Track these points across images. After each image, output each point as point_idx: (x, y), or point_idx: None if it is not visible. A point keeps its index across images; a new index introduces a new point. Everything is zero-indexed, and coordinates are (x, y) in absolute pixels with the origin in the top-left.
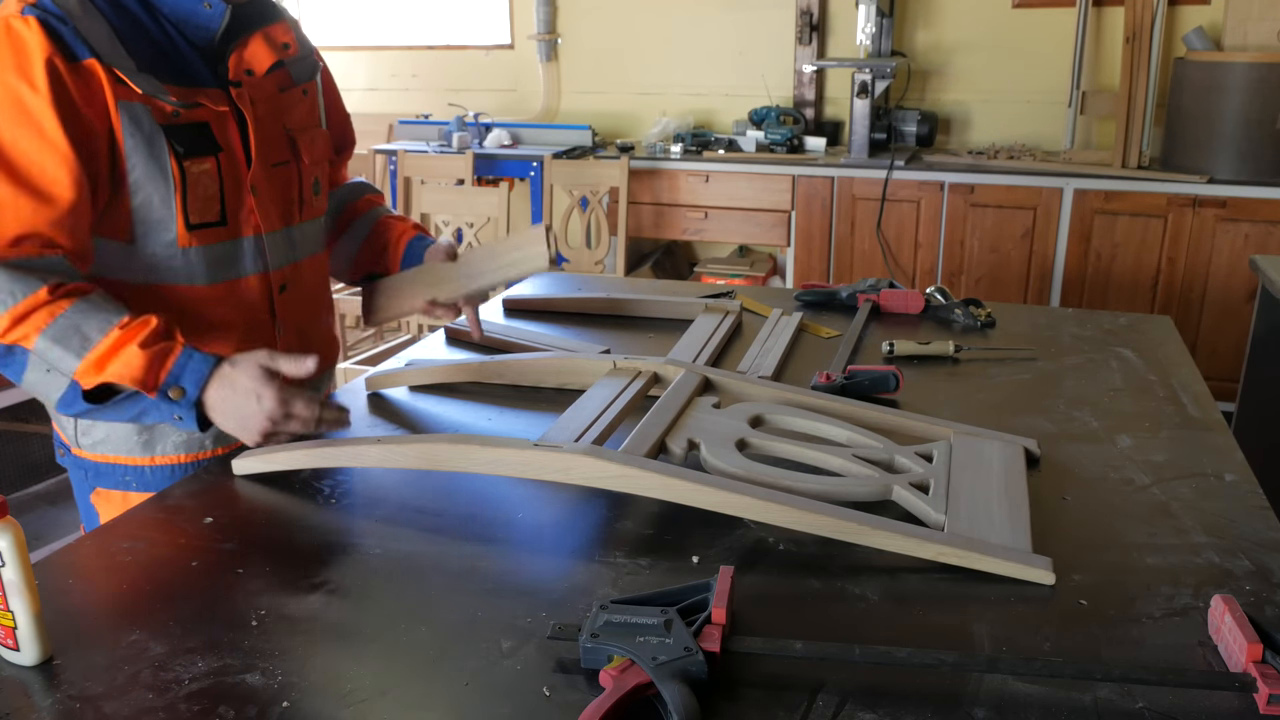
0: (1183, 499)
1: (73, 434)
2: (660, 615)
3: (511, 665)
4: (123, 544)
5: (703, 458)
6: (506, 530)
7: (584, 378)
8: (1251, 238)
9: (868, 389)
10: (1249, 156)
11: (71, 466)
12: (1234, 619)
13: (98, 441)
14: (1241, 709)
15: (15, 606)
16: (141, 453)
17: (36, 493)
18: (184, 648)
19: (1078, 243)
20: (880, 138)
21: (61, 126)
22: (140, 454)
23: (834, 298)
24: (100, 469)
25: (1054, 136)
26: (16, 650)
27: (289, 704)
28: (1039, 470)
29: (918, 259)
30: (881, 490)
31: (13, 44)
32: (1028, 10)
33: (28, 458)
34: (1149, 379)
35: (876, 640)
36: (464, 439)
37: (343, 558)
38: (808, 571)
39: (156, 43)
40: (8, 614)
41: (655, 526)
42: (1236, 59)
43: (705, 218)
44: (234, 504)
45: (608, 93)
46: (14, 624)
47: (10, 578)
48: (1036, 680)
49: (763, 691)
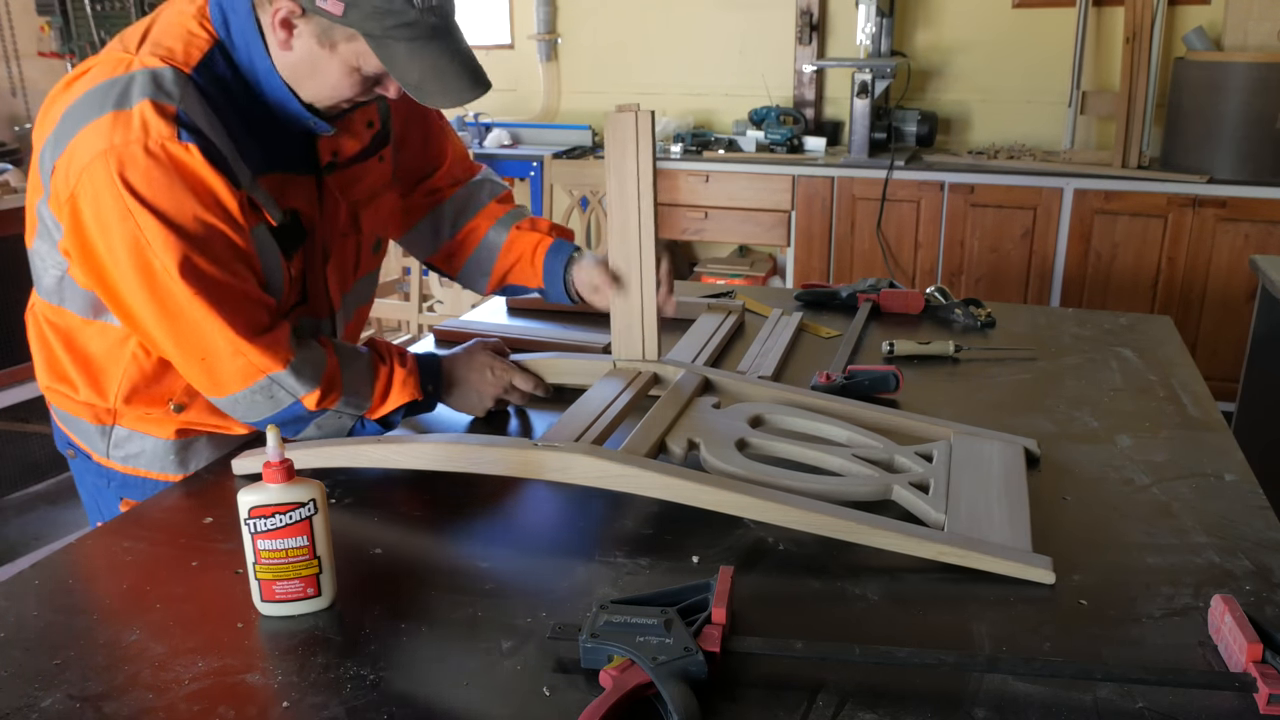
0: (1183, 499)
1: (103, 446)
2: (660, 615)
3: (511, 665)
4: (123, 544)
5: (703, 457)
6: (506, 530)
7: (584, 377)
8: (1251, 238)
9: (868, 389)
10: (1249, 156)
11: (92, 474)
12: (1234, 619)
13: (131, 455)
14: (1241, 709)
15: (322, 553)
16: (176, 470)
17: (36, 493)
18: (184, 648)
19: (1078, 243)
20: (880, 138)
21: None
22: (174, 470)
23: (834, 298)
24: (129, 481)
25: (1054, 136)
26: (317, 596)
27: (289, 704)
28: (1039, 470)
29: (918, 259)
30: (881, 490)
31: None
32: (1028, 10)
33: (28, 458)
34: (1149, 379)
35: (876, 640)
36: (464, 439)
37: (343, 558)
38: (808, 571)
39: (253, 125)
40: (314, 562)
41: (655, 526)
42: (1236, 59)
43: (705, 218)
44: (234, 504)
45: (608, 93)
46: (319, 570)
47: (319, 527)
48: (1036, 680)
49: (763, 691)
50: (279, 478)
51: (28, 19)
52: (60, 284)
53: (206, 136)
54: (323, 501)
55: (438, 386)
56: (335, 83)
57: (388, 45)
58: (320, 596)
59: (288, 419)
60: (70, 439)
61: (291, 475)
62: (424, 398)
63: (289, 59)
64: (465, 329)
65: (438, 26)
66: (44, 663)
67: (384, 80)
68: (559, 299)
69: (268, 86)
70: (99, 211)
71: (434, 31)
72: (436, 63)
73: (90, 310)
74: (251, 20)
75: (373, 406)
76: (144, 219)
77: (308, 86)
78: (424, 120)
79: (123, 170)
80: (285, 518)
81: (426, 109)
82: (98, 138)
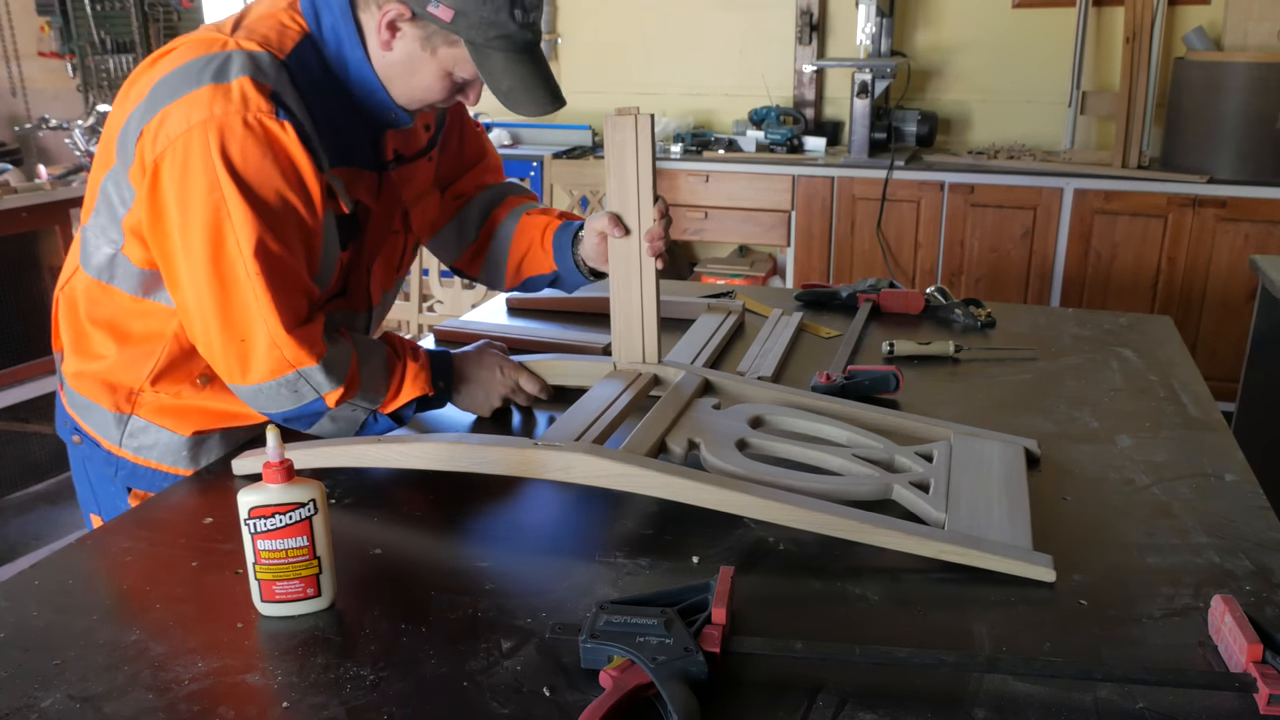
0: (1183, 499)
1: (116, 434)
2: (660, 615)
3: (511, 665)
4: (123, 544)
5: (703, 457)
6: (506, 530)
7: (585, 379)
8: (1251, 238)
9: (868, 389)
10: (1249, 156)
11: (98, 462)
12: (1234, 619)
13: (145, 446)
14: (1241, 709)
15: (322, 553)
16: (187, 464)
17: (37, 493)
18: (184, 648)
19: (1078, 243)
20: (880, 138)
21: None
22: (186, 465)
23: (834, 298)
24: (139, 471)
25: (1054, 136)
26: (317, 596)
27: (289, 704)
28: (1039, 470)
29: (918, 259)
30: (882, 489)
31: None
32: (1028, 10)
33: (28, 458)
34: (1149, 379)
35: (877, 640)
36: (464, 439)
37: (343, 558)
38: (808, 571)
39: (332, 117)
40: (314, 562)
41: (655, 526)
42: (1236, 59)
43: (705, 218)
44: (234, 504)
45: (608, 92)
46: (319, 570)
47: (319, 527)
48: (1037, 680)
49: (763, 692)
50: (279, 478)
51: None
52: (112, 262)
53: (299, 118)
54: (323, 501)
55: (449, 383)
56: (427, 85)
57: (487, 54)
58: (320, 597)
59: (306, 414)
60: (78, 424)
61: (291, 475)
62: (435, 393)
63: (387, 59)
64: (465, 329)
65: (531, 43)
66: (44, 663)
67: (468, 88)
68: (573, 278)
69: (357, 78)
70: (185, 179)
71: (527, 47)
72: (525, 75)
73: (140, 289)
74: (348, 17)
75: (386, 401)
76: (230, 192)
77: (398, 86)
78: (462, 126)
79: (221, 141)
80: (285, 518)
81: (467, 117)
82: (196, 107)
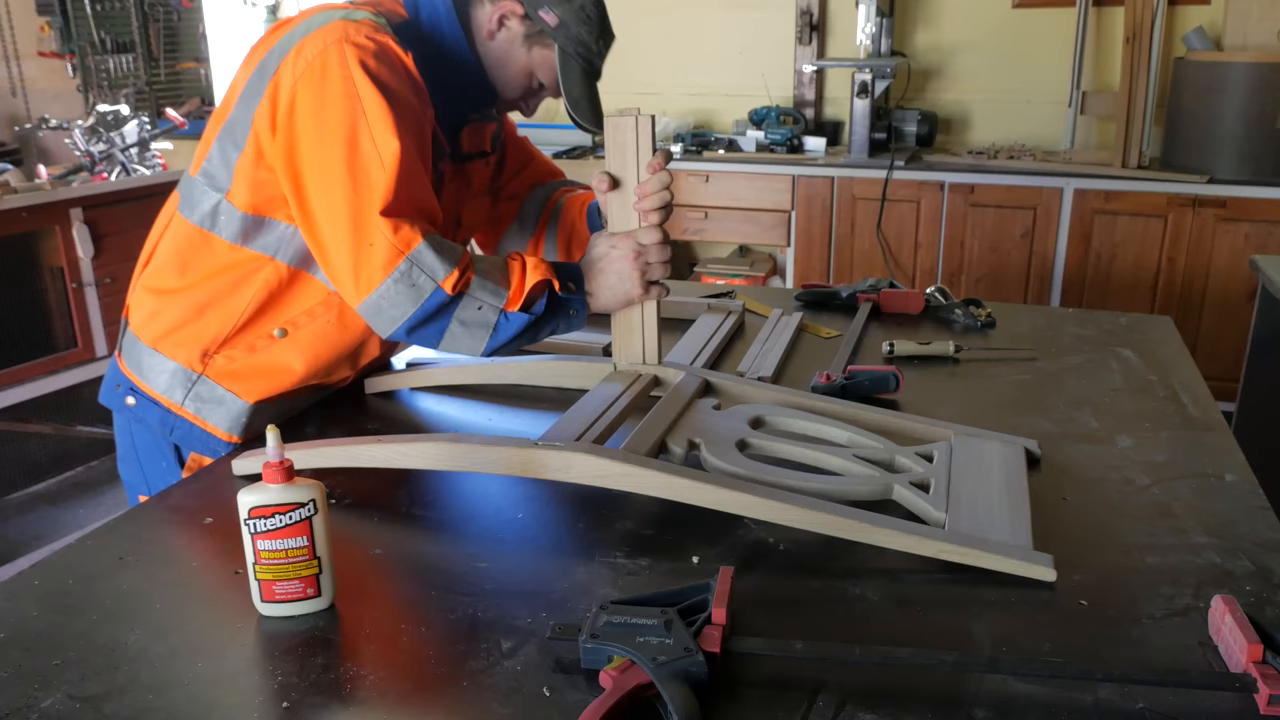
0: (1183, 499)
1: (180, 394)
2: (660, 615)
3: (511, 665)
4: (123, 544)
5: (703, 457)
6: (506, 530)
7: (585, 380)
8: (1251, 238)
9: (868, 389)
10: (1249, 156)
11: (154, 420)
12: (1234, 619)
13: (206, 406)
14: (1241, 709)
15: (321, 553)
16: (241, 433)
17: (36, 493)
18: (184, 648)
19: (1078, 243)
20: (880, 138)
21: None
22: (239, 434)
23: (834, 298)
24: (195, 432)
25: (1054, 136)
26: (317, 597)
27: (289, 704)
28: (1039, 470)
29: (918, 259)
30: (882, 489)
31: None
32: (1028, 10)
33: (28, 458)
34: (1149, 379)
35: (877, 640)
36: (464, 439)
37: (343, 558)
38: (808, 572)
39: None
40: (314, 562)
41: (655, 526)
42: (1236, 59)
43: (705, 218)
44: (234, 504)
45: (608, 92)
46: (319, 570)
47: (319, 527)
48: (1037, 680)
49: (763, 692)
50: (279, 478)
51: (28, 19)
52: (216, 209)
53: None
54: (323, 502)
55: (578, 283)
56: (513, 79)
57: (571, 64)
58: (320, 597)
59: (431, 311)
60: (134, 384)
61: (291, 475)
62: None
63: (487, 47)
64: None
65: (599, 71)
66: (44, 663)
67: (535, 96)
68: None
69: (454, 58)
70: (323, 92)
71: (596, 73)
72: (589, 93)
73: (240, 235)
74: (449, 3)
75: (511, 296)
76: (369, 94)
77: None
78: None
79: (358, 52)
80: (285, 518)
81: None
82: (330, 32)
